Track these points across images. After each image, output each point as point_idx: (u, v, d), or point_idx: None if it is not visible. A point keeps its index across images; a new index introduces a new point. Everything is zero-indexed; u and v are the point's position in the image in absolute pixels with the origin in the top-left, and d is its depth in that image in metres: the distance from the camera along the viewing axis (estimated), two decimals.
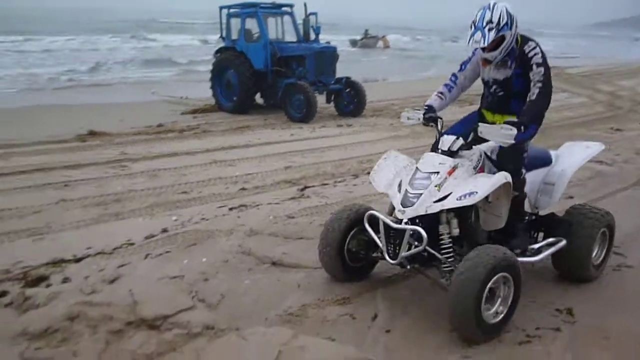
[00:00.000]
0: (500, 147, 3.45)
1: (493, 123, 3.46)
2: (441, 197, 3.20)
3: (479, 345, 3.06)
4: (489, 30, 3.22)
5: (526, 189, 3.67)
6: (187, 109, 12.30)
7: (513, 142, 3.11)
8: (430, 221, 3.30)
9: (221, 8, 12.44)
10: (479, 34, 3.24)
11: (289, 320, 3.34)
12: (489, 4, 3.27)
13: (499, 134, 3.13)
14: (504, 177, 3.26)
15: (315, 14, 12.22)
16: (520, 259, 3.31)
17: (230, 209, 5.46)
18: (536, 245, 3.71)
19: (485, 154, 3.52)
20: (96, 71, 20.82)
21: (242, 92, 11.71)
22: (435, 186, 3.22)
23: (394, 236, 3.31)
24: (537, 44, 3.41)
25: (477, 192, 3.13)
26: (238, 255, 4.28)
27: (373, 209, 3.59)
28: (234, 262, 4.15)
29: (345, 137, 9.43)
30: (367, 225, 3.53)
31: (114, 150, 8.07)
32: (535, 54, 3.34)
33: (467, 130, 3.43)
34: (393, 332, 3.23)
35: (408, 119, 3.65)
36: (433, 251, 3.32)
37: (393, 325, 3.30)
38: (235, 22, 12.31)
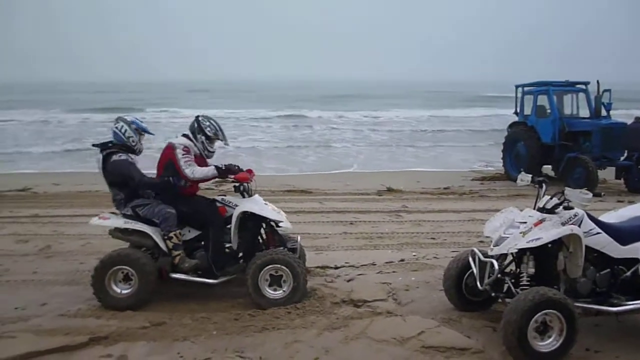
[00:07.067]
0: None
1: None
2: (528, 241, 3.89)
3: None
4: None
5: None
6: (477, 176, 13.76)
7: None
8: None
9: (517, 87, 13.66)
10: None
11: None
12: None
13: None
14: (569, 229, 3.83)
15: (609, 90, 12.21)
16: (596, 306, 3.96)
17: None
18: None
19: (589, 215, 4.08)
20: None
21: (529, 163, 12.40)
22: (520, 233, 3.99)
23: (483, 268, 4.20)
24: None
25: (541, 238, 3.84)
26: (440, 280, 5.58)
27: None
28: (434, 284, 5.48)
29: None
30: (470, 259, 4.43)
31: (397, 203, 10.20)
32: None
33: None
34: None
35: (521, 180, 4.58)
36: (511, 285, 4.09)
37: None
38: (529, 99, 13.31)
